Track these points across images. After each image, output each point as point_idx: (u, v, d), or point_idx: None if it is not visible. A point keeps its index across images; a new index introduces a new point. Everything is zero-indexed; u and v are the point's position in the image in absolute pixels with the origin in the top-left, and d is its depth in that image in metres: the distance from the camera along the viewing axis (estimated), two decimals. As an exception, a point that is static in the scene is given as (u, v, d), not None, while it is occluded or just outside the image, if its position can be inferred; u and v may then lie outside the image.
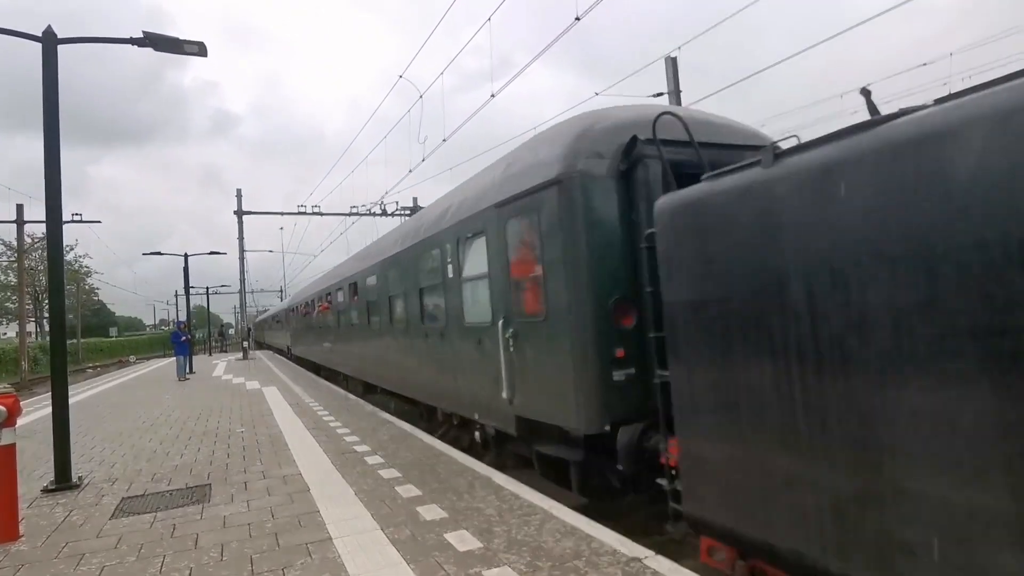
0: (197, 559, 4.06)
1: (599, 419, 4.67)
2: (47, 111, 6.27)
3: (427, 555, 3.88)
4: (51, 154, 6.27)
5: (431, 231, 8.04)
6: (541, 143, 5.67)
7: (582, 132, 5.10)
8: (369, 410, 10.69)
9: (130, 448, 8.21)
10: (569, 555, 3.76)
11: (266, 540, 4.35)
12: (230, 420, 10.30)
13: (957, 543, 2.31)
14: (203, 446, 8.06)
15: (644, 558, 3.64)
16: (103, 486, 6.20)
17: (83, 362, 50.48)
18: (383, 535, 4.29)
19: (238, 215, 34.53)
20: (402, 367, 9.87)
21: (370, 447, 7.40)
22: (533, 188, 5.30)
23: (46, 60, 6.33)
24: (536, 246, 5.32)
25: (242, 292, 37.81)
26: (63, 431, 6.20)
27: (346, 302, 14.50)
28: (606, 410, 4.66)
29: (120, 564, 4.06)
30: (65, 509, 5.44)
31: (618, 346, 4.70)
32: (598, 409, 4.67)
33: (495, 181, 6.27)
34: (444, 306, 7.65)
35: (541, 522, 4.39)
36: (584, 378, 4.74)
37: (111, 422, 10.87)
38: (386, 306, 10.57)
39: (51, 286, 6.58)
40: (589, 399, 4.70)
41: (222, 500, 5.45)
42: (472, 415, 6.95)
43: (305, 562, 3.89)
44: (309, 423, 9.52)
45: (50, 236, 6.47)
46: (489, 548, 3.94)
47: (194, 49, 6.82)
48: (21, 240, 35.88)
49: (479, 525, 4.39)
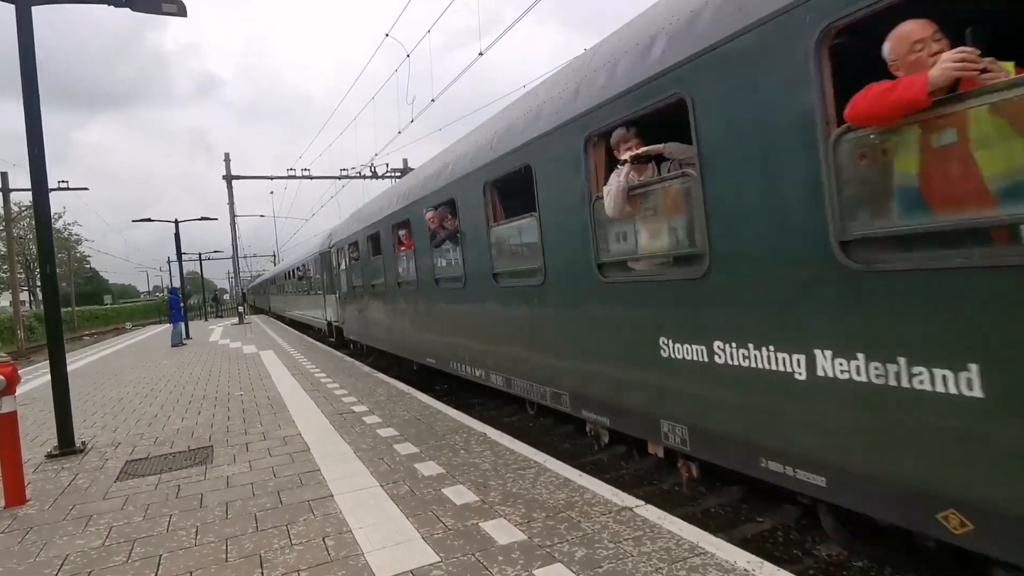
0: (203, 517, 4.19)
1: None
2: (25, 76, 6.13)
3: (425, 509, 4.01)
4: (32, 119, 6.15)
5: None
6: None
7: None
8: (366, 371, 10.83)
9: (131, 413, 8.32)
10: (563, 506, 3.89)
11: (269, 498, 4.47)
12: (228, 384, 10.42)
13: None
14: (203, 409, 8.18)
15: (635, 507, 3.78)
16: (106, 450, 6.32)
17: (78, 330, 50.54)
18: (383, 491, 4.41)
19: (227, 179, 34.13)
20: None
21: (368, 407, 7.52)
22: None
23: (21, 23, 6.16)
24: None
25: (235, 257, 37.64)
26: (63, 397, 6.28)
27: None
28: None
29: (128, 524, 4.18)
30: (70, 473, 5.56)
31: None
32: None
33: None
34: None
35: (535, 475, 4.52)
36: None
37: (111, 388, 10.98)
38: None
39: (40, 253, 6.55)
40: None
41: (224, 461, 5.58)
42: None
43: (308, 518, 4.01)
44: (307, 385, 9.65)
45: (36, 204, 6.41)
46: (486, 501, 4.07)
47: (173, 9, 6.63)
48: (8, 209, 35.42)
49: (475, 480, 4.53)
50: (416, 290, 8.95)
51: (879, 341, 2.61)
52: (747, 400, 3.34)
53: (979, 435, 2.29)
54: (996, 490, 2.27)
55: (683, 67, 3.57)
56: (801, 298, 2.98)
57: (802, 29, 2.80)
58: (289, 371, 11.54)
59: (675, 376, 3.90)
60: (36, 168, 6.21)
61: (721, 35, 3.29)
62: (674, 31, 3.72)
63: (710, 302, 3.56)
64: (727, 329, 3.45)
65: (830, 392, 2.84)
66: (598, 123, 4.44)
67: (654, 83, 3.81)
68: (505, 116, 6.37)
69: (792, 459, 3.10)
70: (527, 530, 3.56)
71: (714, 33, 3.35)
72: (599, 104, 4.40)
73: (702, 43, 3.43)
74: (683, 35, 3.62)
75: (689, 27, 3.58)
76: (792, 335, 3.03)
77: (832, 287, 2.79)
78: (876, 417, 2.65)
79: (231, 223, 35.56)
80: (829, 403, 2.87)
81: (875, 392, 2.64)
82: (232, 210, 35.29)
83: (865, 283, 2.66)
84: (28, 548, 3.89)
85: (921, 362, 2.46)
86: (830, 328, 2.84)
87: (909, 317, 2.49)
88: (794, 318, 3.03)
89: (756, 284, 3.24)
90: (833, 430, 2.86)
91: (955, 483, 2.40)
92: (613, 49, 4.48)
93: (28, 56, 6.17)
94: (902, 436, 2.56)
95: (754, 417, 3.30)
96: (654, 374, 4.08)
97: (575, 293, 4.99)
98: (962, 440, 2.36)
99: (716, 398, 3.58)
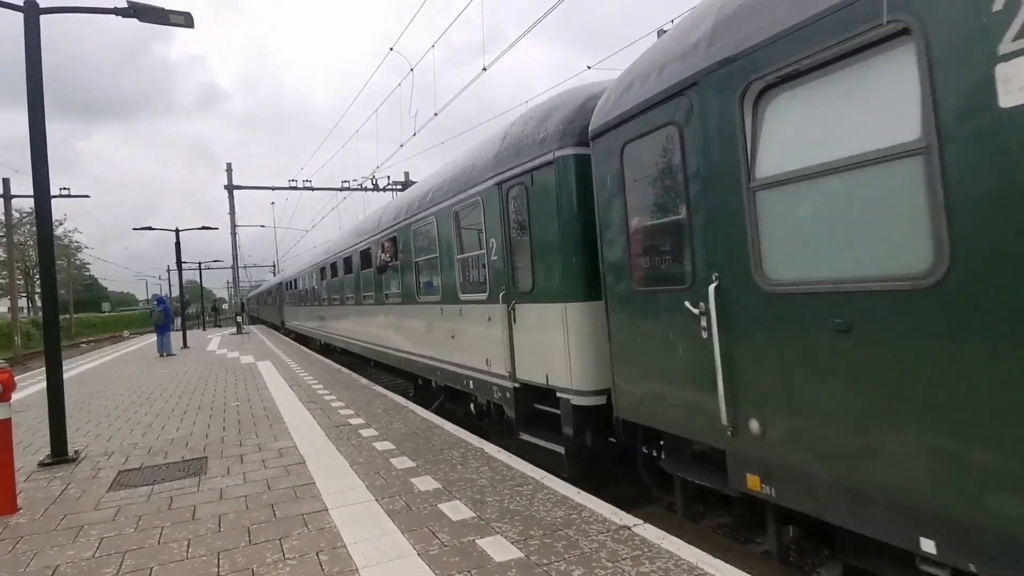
0: (195, 530, 4.13)
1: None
2: (31, 84, 6.16)
3: (421, 525, 3.96)
4: (36, 127, 6.17)
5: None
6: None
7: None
8: (363, 383, 10.77)
9: (126, 422, 8.26)
10: (560, 523, 3.84)
11: (263, 511, 4.42)
12: (225, 394, 10.36)
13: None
14: (198, 420, 8.12)
15: (633, 526, 3.73)
16: (99, 460, 6.26)
17: (76, 337, 50.38)
18: (378, 506, 4.36)
19: (229, 189, 34.23)
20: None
21: (364, 420, 7.47)
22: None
23: (28, 31, 6.20)
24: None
25: (235, 267, 37.65)
26: (58, 405, 6.22)
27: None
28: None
29: (119, 535, 4.13)
30: (62, 483, 5.50)
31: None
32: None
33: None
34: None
35: (533, 492, 4.47)
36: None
37: (106, 396, 10.91)
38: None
39: (41, 259, 6.53)
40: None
41: (218, 473, 5.52)
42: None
43: (301, 532, 3.96)
44: (303, 396, 9.59)
45: (38, 208, 6.40)
46: (482, 518, 4.02)
47: (180, 20, 6.69)
48: (9, 215, 35.50)
49: (472, 495, 4.48)
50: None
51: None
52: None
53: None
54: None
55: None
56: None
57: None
58: (286, 382, 11.48)
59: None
60: (39, 176, 6.21)
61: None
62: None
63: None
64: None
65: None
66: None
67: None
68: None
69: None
70: (524, 548, 3.51)
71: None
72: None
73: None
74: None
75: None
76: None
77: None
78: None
79: (232, 232, 35.63)
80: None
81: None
82: (233, 220, 35.38)
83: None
84: (19, 558, 3.84)
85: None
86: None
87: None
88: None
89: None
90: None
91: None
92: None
93: (34, 64, 6.20)
94: None
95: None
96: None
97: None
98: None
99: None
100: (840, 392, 2.91)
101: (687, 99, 3.79)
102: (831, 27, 2.84)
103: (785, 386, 3.20)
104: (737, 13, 3.48)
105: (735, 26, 3.46)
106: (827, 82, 2.98)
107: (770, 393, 3.30)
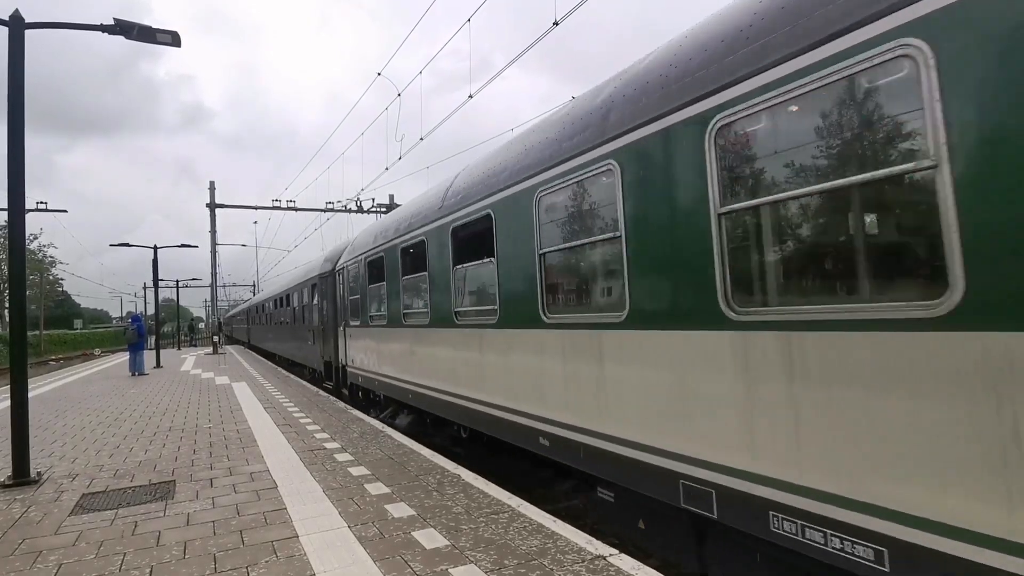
0: (158, 557, 4.00)
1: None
2: (12, 97, 6.11)
3: (394, 553, 3.88)
4: (15, 141, 6.10)
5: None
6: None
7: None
8: (340, 407, 10.61)
9: (92, 443, 8.02)
10: (535, 553, 3.79)
11: (231, 538, 4.30)
12: (197, 415, 10.13)
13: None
14: (168, 442, 7.92)
15: (608, 556, 3.70)
16: (63, 482, 6.06)
17: (45, 354, 49.10)
18: (350, 533, 4.27)
19: (211, 208, 33.95)
20: None
21: (340, 444, 7.35)
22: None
23: (13, 45, 6.17)
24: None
25: (213, 286, 37.17)
26: (22, 425, 6.05)
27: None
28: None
29: (79, 562, 3.98)
30: (22, 505, 5.31)
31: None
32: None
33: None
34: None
35: (508, 520, 4.42)
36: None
37: (73, 416, 10.61)
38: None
39: (11, 272, 6.39)
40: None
41: (186, 497, 5.37)
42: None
43: (270, 560, 3.86)
44: (278, 419, 9.42)
45: (12, 220, 6.29)
46: (456, 546, 3.96)
47: (167, 39, 6.70)
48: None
49: (447, 523, 4.41)
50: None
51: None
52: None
53: None
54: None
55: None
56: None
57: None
58: (261, 404, 11.27)
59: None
60: (14, 188, 6.13)
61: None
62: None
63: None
64: None
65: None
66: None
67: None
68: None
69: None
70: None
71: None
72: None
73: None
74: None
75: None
76: None
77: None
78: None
79: (212, 251, 35.23)
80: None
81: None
82: (213, 239, 34.99)
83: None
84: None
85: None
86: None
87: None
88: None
89: None
90: None
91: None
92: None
93: (17, 78, 6.15)
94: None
95: None
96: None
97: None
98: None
99: None
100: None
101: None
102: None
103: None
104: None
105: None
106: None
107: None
